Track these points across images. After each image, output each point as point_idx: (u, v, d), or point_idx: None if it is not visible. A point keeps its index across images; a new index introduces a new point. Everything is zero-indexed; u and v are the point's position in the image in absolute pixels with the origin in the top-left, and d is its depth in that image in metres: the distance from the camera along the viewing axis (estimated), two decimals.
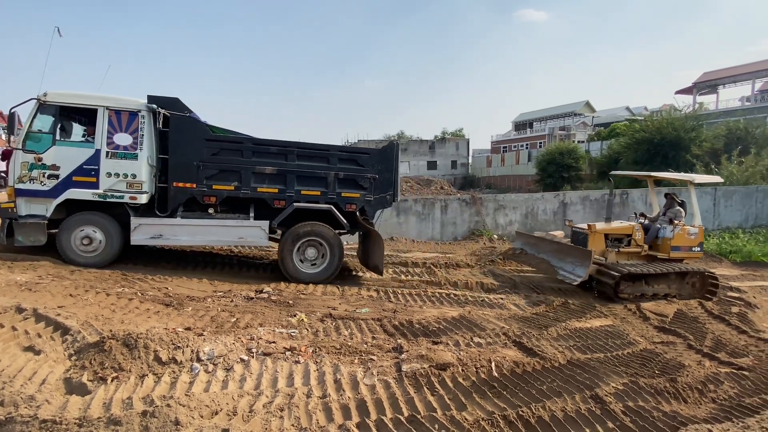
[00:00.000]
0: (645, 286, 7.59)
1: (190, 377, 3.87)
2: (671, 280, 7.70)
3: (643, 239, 8.14)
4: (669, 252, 7.88)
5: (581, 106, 62.10)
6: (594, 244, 7.93)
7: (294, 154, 7.60)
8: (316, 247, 7.70)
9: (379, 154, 7.99)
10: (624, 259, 8.04)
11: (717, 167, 18.41)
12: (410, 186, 41.48)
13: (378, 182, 7.89)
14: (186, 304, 5.89)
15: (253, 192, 7.51)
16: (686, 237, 7.90)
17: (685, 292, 7.73)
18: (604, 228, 8.17)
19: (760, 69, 38.28)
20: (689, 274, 7.75)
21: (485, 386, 3.93)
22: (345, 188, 7.80)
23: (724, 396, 4.04)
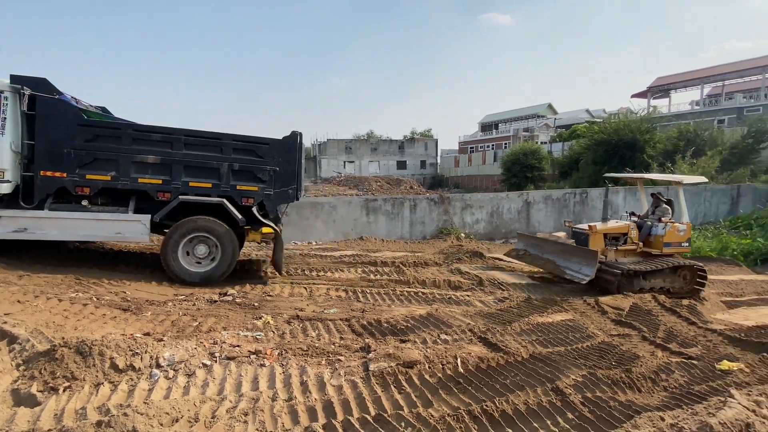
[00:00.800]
0: (643, 281, 8.04)
1: (149, 384, 3.73)
2: (666, 274, 8.16)
3: (637, 237, 8.55)
4: (662, 248, 8.29)
5: (544, 108, 64.15)
6: (594, 243, 8.29)
7: (181, 142, 7.08)
8: (207, 245, 7.22)
9: (281, 144, 7.47)
10: (621, 257, 8.43)
11: (672, 167, 19.43)
12: (380, 185, 41.59)
13: (279, 175, 7.40)
14: (145, 309, 5.67)
15: (134, 183, 6.95)
16: (676, 233, 8.34)
17: (677, 285, 8.21)
18: (603, 228, 8.55)
19: (708, 75, 40.74)
20: (681, 268, 8.22)
21: (451, 382, 3.99)
22: (241, 181, 7.30)
23: (675, 384, 4.26)
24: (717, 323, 6.53)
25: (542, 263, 8.88)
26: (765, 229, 13.24)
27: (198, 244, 7.22)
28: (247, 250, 10.46)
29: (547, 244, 9.19)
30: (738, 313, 7.33)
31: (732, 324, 6.55)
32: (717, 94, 44.11)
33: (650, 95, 44.08)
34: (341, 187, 40.31)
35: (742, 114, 32.26)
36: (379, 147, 59.79)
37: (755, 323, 6.59)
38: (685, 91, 44.92)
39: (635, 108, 26.73)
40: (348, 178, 46.61)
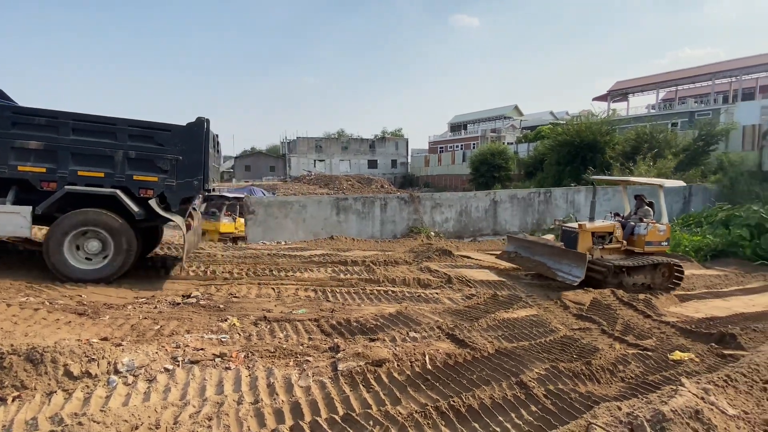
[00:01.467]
0: (627, 277, 8.54)
1: (106, 391, 3.57)
2: (647, 271, 8.68)
3: (622, 236, 8.99)
4: (644, 247, 8.76)
5: (510, 109, 65.73)
6: (583, 240, 8.70)
7: (68, 126, 6.46)
8: (100, 240, 6.66)
9: (185, 131, 6.91)
10: (607, 254, 8.85)
11: (632, 167, 20.31)
12: (351, 184, 41.49)
13: (183, 165, 6.85)
14: (103, 313, 5.43)
15: (13, 171, 6.31)
16: (657, 233, 8.82)
17: (657, 280, 8.75)
18: (592, 227, 8.97)
19: (663, 80, 42.88)
20: (660, 265, 8.74)
21: (419, 379, 4.03)
22: (138, 170, 6.73)
23: (632, 375, 4.46)
24: (670, 316, 6.88)
25: (533, 265, 9.15)
26: (714, 226, 14.05)
27: (91, 240, 6.64)
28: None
29: (537, 247, 9.52)
30: (689, 306, 7.75)
31: (684, 316, 6.93)
32: (671, 99, 46.50)
33: (610, 98, 45.94)
34: (311, 186, 39.90)
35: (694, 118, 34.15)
36: (350, 146, 59.64)
37: (705, 315, 7.00)
38: (642, 95, 47.14)
39: (596, 110, 27.82)
40: (318, 176, 46.20)
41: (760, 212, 12.87)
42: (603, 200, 17.43)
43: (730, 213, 14.11)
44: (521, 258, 9.56)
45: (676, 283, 8.76)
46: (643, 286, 8.58)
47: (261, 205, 13.55)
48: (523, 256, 9.58)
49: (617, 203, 17.69)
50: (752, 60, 36.58)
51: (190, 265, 8.38)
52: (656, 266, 8.70)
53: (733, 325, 6.18)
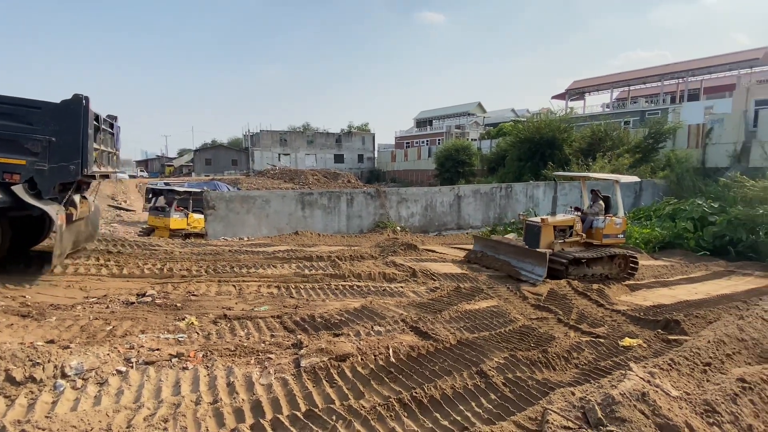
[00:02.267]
0: (586, 268, 8.93)
1: (52, 396, 3.38)
2: (604, 262, 9.10)
3: (581, 229, 9.35)
4: (602, 239, 9.18)
5: (474, 106, 66.90)
6: (546, 234, 9.00)
7: None
8: None
9: (59, 110, 6.25)
10: (568, 247, 9.19)
11: (591, 163, 21.17)
12: (317, 179, 40.99)
13: (56, 147, 6.20)
14: (49, 314, 5.12)
15: None
16: (614, 226, 9.26)
17: (614, 271, 9.18)
18: (554, 221, 9.27)
19: (617, 81, 44.85)
20: (617, 257, 9.17)
21: (383, 372, 4.05)
22: (2, 152, 6.07)
23: (585, 361, 4.67)
24: (621, 305, 7.26)
25: (499, 265, 9.38)
26: (662, 219, 14.90)
27: None
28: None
29: (501, 246, 9.79)
30: (639, 294, 8.19)
31: (633, 305, 7.32)
32: (624, 98, 48.77)
33: (568, 97, 47.66)
34: (276, 181, 39.13)
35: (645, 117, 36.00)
36: (316, 140, 58.88)
37: (652, 303, 7.43)
38: (598, 94, 49.18)
39: (555, 108, 28.81)
40: (283, 171, 45.31)
41: (702, 206, 13.77)
42: (560, 195, 18.10)
43: (676, 207, 15.01)
44: (487, 258, 9.81)
45: (632, 273, 9.22)
46: (601, 277, 9.02)
47: (222, 200, 13.15)
48: (488, 256, 9.83)
49: (574, 198, 18.44)
50: (697, 63, 38.93)
51: (145, 262, 8.04)
52: (613, 257, 9.14)
53: (678, 312, 6.59)
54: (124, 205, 25.49)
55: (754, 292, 8.35)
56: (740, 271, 10.33)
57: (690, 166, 20.22)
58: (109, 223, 19.25)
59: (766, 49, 34.67)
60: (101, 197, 26.33)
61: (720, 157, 20.35)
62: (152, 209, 14.69)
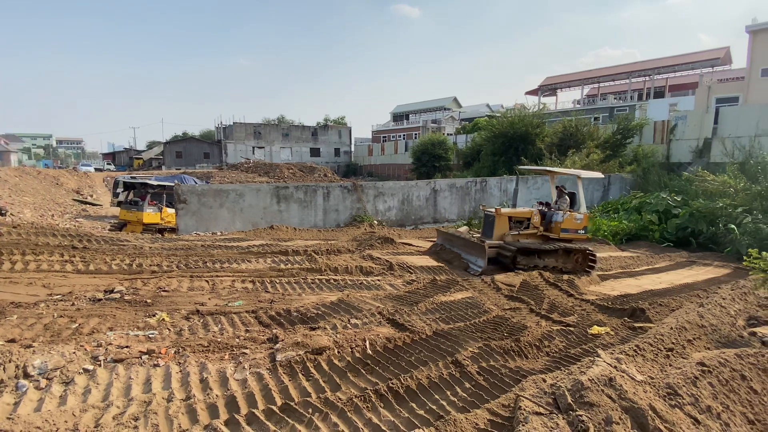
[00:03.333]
0: (537, 259, 9.04)
1: (14, 397, 3.24)
2: (559, 255, 9.22)
3: (540, 222, 9.48)
4: (559, 233, 9.29)
5: (450, 101, 67.36)
6: (499, 224, 9.14)
7: None
8: None
9: None
10: (525, 239, 9.33)
11: (561, 158, 21.68)
12: (292, 173, 40.45)
13: None
14: (9, 312, 4.89)
15: None
16: (573, 221, 9.36)
17: (570, 265, 9.28)
18: (507, 211, 9.46)
19: (587, 77, 46.02)
20: (574, 252, 9.28)
21: (359, 364, 4.06)
22: None
23: (556, 349, 4.81)
24: (590, 294, 7.50)
25: (452, 257, 9.58)
26: (629, 212, 15.44)
27: None
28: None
29: (455, 239, 9.93)
30: (607, 285, 8.48)
31: (602, 294, 7.57)
32: (594, 95, 50.09)
33: (541, 93, 48.59)
34: (250, 174, 38.42)
35: (613, 113, 37.10)
36: (291, 133, 58.03)
37: (619, 293, 7.71)
38: (569, 90, 50.31)
39: (528, 104, 29.30)
40: (257, 164, 44.51)
41: (667, 200, 14.33)
42: (533, 189, 18.51)
43: (642, 200, 15.57)
44: (446, 251, 9.96)
45: (590, 267, 9.32)
46: (555, 270, 9.09)
47: (194, 193, 12.81)
48: (446, 249, 10.01)
49: (546, 192, 18.89)
50: (663, 61, 40.35)
51: (113, 258, 7.77)
52: (569, 252, 9.25)
53: (643, 301, 6.86)
54: (90, 200, 24.51)
55: (713, 281, 8.77)
56: (701, 261, 10.82)
57: (655, 161, 21.00)
58: (75, 218, 18.47)
59: (726, 50, 36.24)
60: (66, 191, 25.26)
61: (683, 153, 21.21)
62: (124, 203, 14.19)
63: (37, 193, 22.15)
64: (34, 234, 8.83)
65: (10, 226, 9.29)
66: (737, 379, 3.81)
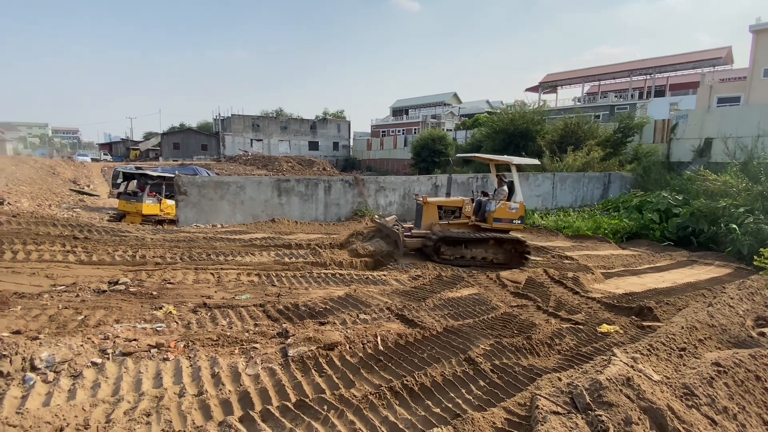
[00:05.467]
0: (464, 249, 8.76)
1: (22, 391, 3.17)
2: (489, 245, 8.89)
3: (472, 212, 9.19)
4: (492, 223, 8.97)
5: (449, 96, 67.11)
6: (428, 213, 8.88)
7: None
8: None
9: None
10: (455, 228, 9.00)
11: (560, 156, 21.65)
12: (291, 166, 40.26)
13: None
14: (13, 303, 4.80)
15: None
16: (507, 211, 9.02)
17: (501, 256, 8.96)
18: (436, 200, 9.16)
19: (588, 75, 45.96)
20: (507, 242, 8.94)
21: (372, 361, 4.01)
22: None
23: (567, 347, 4.78)
24: (595, 292, 7.48)
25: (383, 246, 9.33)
26: (629, 211, 15.45)
27: None
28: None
29: (384, 229, 9.60)
30: (610, 283, 8.47)
31: (607, 292, 7.56)
32: (595, 93, 50.06)
33: (541, 90, 48.50)
34: (248, 167, 38.19)
35: (614, 111, 37.09)
36: (290, 126, 57.66)
37: (624, 291, 7.70)
38: (570, 87, 50.25)
39: (529, 101, 29.25)
40: (256, 157, 44.25)
41: (668, 199, 14.34)
42: (534, 185, 18.50)
43: (643, 199, 15.58)
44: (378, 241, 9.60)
45: (524, 260, 8.98)
46: (485, 261, 8.84)
47: (194, 185, 12.68)
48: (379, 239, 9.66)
49: (546, 188, 18.87)
50: (664, 60, 40.33)
51: (115, 248, 7.68)
52: (501, 242, 8.95)
53: (649, 300, 6.85)
54: (88, 190, 24.27)
55: (715, 280, 8.78)
56: (702, 260, 10.84)
57: (656, 160, 21.00)
58: (72, 208, 18.28)
59: (728, 49, 36.23)
60: (62, 181, 25.00)
61: (684, 152, 21.22)
62: (124, 194, 14.05)
63: (34, 183, 21.90)
64: (34, 224, 8.71)
65: (9, 215, 9.15)
66: (752, 379, 3.80)
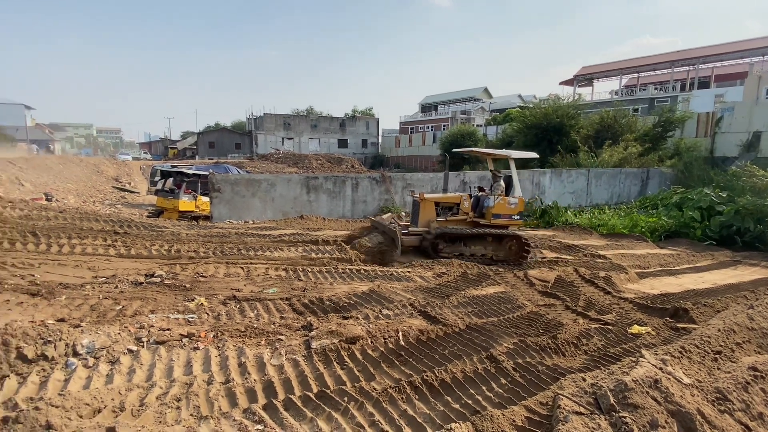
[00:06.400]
0: (463, 246, 8.55)
1: (65, 374, 3.40)
2: (488, 242, 8.66)
3: (470, 208, 8.97)
4: (490, 219, 8.73)
5: (480, 92, 66.10)
6: (425, 210, 8.67)
7: None
8: None
9: None
10: (453, 225, 8.79)
11: (595, 152, 20.96)
12: (320, 164, 40.86)
13: None
14: (58, 293, 5.13)
15: None
16: (506, 206, 8.77)
17: (501, 253, 8.71)
18: (433, 197, 8.94)
19: (626, 67, 44.14)
20: (507, 238, 8.70)
21: (393, 355, 4.05)
22: None
23: (594, 348, 4.66)
24: (628, 292, 7.23)
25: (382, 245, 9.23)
26: (668, 208, 14.79)
27: None
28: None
29: (381, 227, 9.44)
30: (645, 283, 8.16)
31: (641, 293, 7.29)
32: (633, 85, 48.05)
33: (576, 83, 47.01)
34: (280, 165, 39.02)
35: (654, 104, 35.50)
36: (320, 124, 58.46)
37: (659, 291, 7.40)
38: (607, 80, 48.44)
39: (563, 95, 28.43)
40: (287, 154, 45.15)
41: (710, 196, 13.64)
42: (567, 182, 18.01)
43: (684, 196, 14.87)
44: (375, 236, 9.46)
45: (525, 256, 8.69)
46: (484, 258, 8.58)
47: (227, 183, 13.10)
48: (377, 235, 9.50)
49: (580, 185, 18.32)
50: (708, 50, 38.21)
51: (152, 243, 8.05)
52: (501, 238, 8.68)
53: (685, 301, 6.56)
54: (129, 187, 25.48)
55: (760, 282, 8.30)
56: (746, 261, 10.27)
57: (698, 155, 20.00)
58: (113, 204, 19.27)
59: None
60: (105, 178, 26.34)
61: (729, 147, 20.11)
62: (161, 191, 14.70)
63: (80, 180, 23.20)
64: (79, 219, 9.24)
65: (57, 211, 9.75)
66: None
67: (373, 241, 9.03)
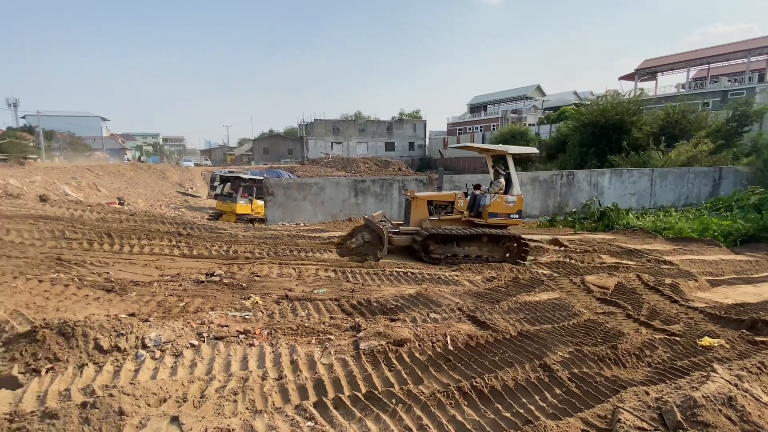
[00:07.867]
0: (456, 247, 8.08)
1: (135, 365, 3.68)
2: (483, 243, 8.16)
3: (466, 206, 8.53)
4: (487, 218, 8.27)
5: (532, 89, 63.95)
6: (417, 209, 8.34)
7: None
8: None
9: None
10: (448, 224, 8.40)
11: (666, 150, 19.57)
12: (368, 167, 41.41)
13: None
14: (129, 290, 5.56)
15: None
16: (504, 205, 8.29)
17: (498, 255, 8.21)
18: (425, 195, 8.62)
19: (694, 58, 40.92)
20: (504, 239, 8.19)
21: (441, 360, 4.01)
22: None
23: (659, 360, 4.35)
24: (698, 301, 6.68)
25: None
26: (745, 210, 13.52)
27: None
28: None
29: (371, 225, 9.18)
30: (718, 291, 7.50)
31: (713, 302, 6.71)
32: (702, 78, 44.46)
33: (637, 77, 44.23)
34: (329, 169, 39.96)
35: (727, 97, 32.64)
36: (367, 128, 59.24)
37: (735, 301, 6.77)
38: (672, 73, 45.18)
39: (623, 90, 26.82)
40: (336, 159, 46.19)
41: None
42: (628, 183, 16.98)
43: (763, 197, 13.55)
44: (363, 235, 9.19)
45: (523, 257, 8.16)
46: (480, 260, 8.09)
47: (280, 186, 13.61)
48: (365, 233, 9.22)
49: (644, 185, 17.20)
50: None
51: (212, 244, 8.52)
52: (498, 239, 8.16)
53: (765, 312, 5.96)
54: (191, 192, 27.16)
55: None
56: None
57: None
58: (178, 207, 20.63)
59: None
60: (170, 184, 28.27)
61: None
62: (220, 195, 15.59)
63: (148, 186, 25.06)
64: (147, 221, 9.98)
65: (128, 215, 10.59)
66: None
67: (359, 240, 8.86)
